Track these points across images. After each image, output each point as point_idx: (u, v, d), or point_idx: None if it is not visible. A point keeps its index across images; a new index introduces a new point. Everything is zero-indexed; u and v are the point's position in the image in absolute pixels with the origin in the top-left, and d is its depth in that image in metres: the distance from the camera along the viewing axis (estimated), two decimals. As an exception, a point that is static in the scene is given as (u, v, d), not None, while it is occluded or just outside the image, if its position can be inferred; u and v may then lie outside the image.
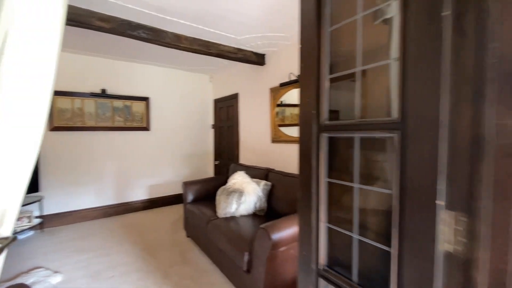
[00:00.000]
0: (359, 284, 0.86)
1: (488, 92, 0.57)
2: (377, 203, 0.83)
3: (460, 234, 0.61)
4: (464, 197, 0.61)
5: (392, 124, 0.72)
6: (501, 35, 0.54)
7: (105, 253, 2.81)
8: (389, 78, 0.77)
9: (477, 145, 0.58)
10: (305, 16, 0.99)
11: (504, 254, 0.56)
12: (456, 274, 0.62)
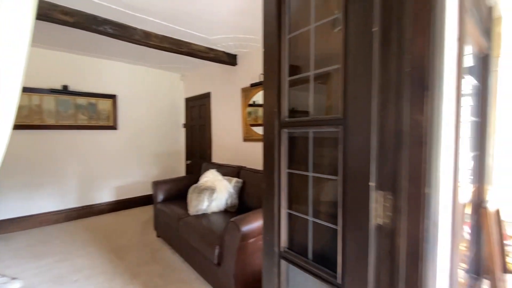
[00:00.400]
0: (313, 261, 0.98)
1: (405, 94, 0.71)
2: (328, 188, 0.96)
3: (387, 210, 0.76)
4: (390, 179, 0.75)
5: (337, 121, 0.85)
6: (412, 49, 0.69)
7: (68, 257, 2.68)
8: (336, 82, 0.90)
9: (398, 136, 0.73)
10: (267, 23, 1.09)
11: (417, 224, 0.71)
12: (384, 242, 0.76)
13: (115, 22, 2.53)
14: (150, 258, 2.65)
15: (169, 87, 4.87)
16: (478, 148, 1.51)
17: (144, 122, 4.54)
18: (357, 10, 0.78)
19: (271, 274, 1.12)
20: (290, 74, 1.04)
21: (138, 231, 3.41)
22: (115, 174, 4.25)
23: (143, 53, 3.58)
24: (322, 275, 0.92)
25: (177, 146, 5.06)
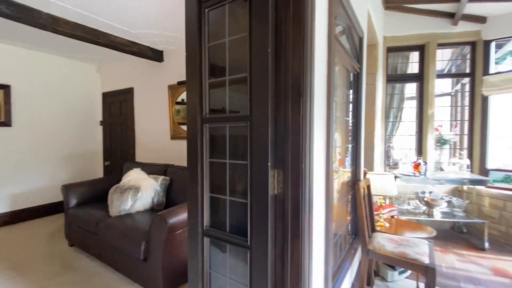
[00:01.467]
0: (230, 232, 1.19)
1: (289, 99, 0.99)
2: (241, 171, 1.18)
3: (279, 182, 1.03)
4: (281, 160, 1.02)
5: (246, 117, 1.08)
6: (292, 67, 0.98)
7: None
8: (246, 86, 1.13)
9: (286, 129, 1.01)
10: (189, 30, 1.24)
11: (297, 190, 1.00)
12: (278, 207, 1.04)
13: (13, 2, 2.17)
14: (62, 269, 2.39)
15: (82, 80, 4.34)
16: (355, 140, 2.04)
17: (50, 119, 3.92)
18: (258, 34, 1.02)
19: (195, 252, 1.28)
20: (213, 75, 1.22)
21: (43, 243, 2.96)
22: (9, 180, 3.53)
23: (49, 38, 3.12)
24: (237, 242, 1.14)
25: (93, 146, 4.55)
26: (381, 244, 1.86)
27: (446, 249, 2.90)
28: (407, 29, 3.52)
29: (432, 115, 3.55)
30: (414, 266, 1.67)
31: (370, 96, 3.25)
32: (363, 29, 2.05)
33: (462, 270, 2.45)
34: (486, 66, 3.35)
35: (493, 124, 3.46)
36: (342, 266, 1.66)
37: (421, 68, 3.62)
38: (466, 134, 3.55)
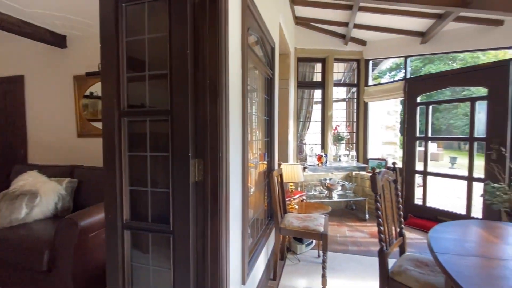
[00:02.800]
0: (152, 222, 1.24)
1: (207, 96, 1.13)
2: (162, 163, 1.25)
3: (200, 170, 1.16)
4: (201, 150, 1.15)
5: (167, 111, 1.16)
6: (210, 69, 1.12)
7: None
8: (166, 82, 1.20)
9: (205, 122, 1.14)
10: (105, 23, 1.22)
11: (215, 176, 1.16)
12: (199, 192, 1.16)
13: None
14: None
15: None
16: (269, 136, 2.35)
17: None
18: (178, 36, 1.12)
19: (115, 247, 1.26)
20: (132, 69, 1.23)
21: None
22: None
23: None
24: (159, 229, 1.21)
25: (-40, 147, 3.52)
26: (290, 222, 2.22)
27: (341, 223, 3.63)
28: (313, 43, 4.18)
29: (331, 116, 4.33)
30: (313, 235, 2.09)
31: (284, 99, 3.72)
32: (275, 40, 2.38)
33: (350, 237, 3.14)
34: (366, 79, 4.33)
35: (372, 124, 4.51)
36: (258, 243, 1.92)
37: (323, 77, 4.36)
38: (355, 132, 4.50)
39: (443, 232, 1.33)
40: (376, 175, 1.43)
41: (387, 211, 1.57)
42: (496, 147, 2.79)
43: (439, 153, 11.76)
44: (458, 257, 1.07)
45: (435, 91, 3.63)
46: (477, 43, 3.10)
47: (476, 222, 1.55)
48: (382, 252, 1.44)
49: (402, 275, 1.39)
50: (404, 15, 3.06)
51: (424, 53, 3.70)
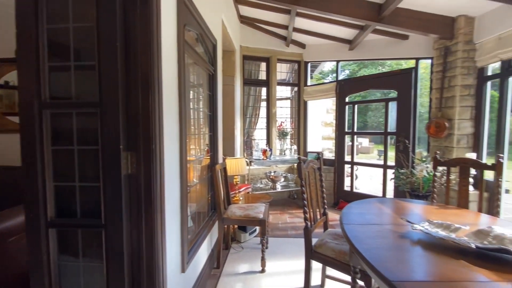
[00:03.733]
0: (82, 217, 1.21)
1: (139, 89, 1.15)
2: (91, 157, 1.22)
3: (133, 163, 1.18)
4: (133, 142, 1.17)
5: (95, 104, 1.14)
6: (142, 63, 1.14)
7: None
8: (94, 74, 1.18)
9: (137, 114, 1.16)
10: (21, 7, 1.12)
11: (149, 168, 1.19)
12: (133, 184, 1.18)
13: None
14: None
15: None
16: (212, 130, 2.42)
17: None
18: (106, 27, 1.11)
19: (37, 248, 1.19)
20: (55, 58, 1.16)
21: None
22: None
23: None
24: (90, 224, 1.18)
25: None
26: (233, 212, 2.35)
27: (283, 211, 3.94)
28: (258, 43, 4.37)
29: (275, 113, 4.61)
30: (254, 221, 2.26)
31: (230, 96, 3.82)
32: (217, 37, 2.45)
33: (291, 223, 3.44)
34: (306, 79, 4.72)
35: (313, 121, 4.96)
36: (200, 234, 1.99)
37: (267, 76, 4.60)
38: (297, 128, 4.87)
39: (352, 208, 1.62)
40: (301, 164, 1.64)
41: (312, 194, 1.82)
42: (402, 140, 3.41)
43: (369, 147, 13.47)
44: (358, 225, 1.34)
45: (363, 92, 4.20)
46: (390, 52, 3.70)
47: (379, 199, 1.91)
48: (306, 229, 1.67)
49: (322, 247, 1.64)
50: (334, 24, 3.46)
51: (352, 59, 4.22)
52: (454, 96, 2.89)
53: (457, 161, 1.90)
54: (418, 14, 2.91)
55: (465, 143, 2.89)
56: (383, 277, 0.88)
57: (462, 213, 1.61)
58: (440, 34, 2.92)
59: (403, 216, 1.46)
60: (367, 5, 2.89)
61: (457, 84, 2.84)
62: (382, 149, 3.75)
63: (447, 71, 2.97)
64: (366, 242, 1.15)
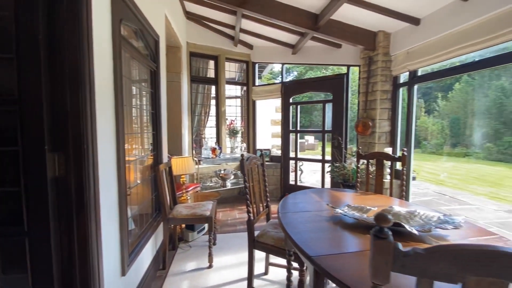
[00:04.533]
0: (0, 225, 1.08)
1: (67, 86, 1.09)
2: (9, 160, 1.10)
3: (61, 165, 1.10)
4: (61, 142, 1.10)
5: (14, 101, 1.03)
6: (68, 56, 1.08)
7: None
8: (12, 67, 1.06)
9: (65, 112, 1.09)
10: None
11: (81, 169, 1.13)
12: (62, 187, 1.11)
13: None
14: None
15: None
16: (155, 129, 2.35)
17: None
18: (26, 18, 1.01)
19: None
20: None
21: None
22: None
23: None
24: (10, 232, 1.07)
25: None
26: (179, 211, 2.33)
27: (233, 207, 4.03)
28: (205, 40, 4.34)
29: (224, 112, 4.66)
30: (200, 219, 2.29)
31: (176, 93, 3.73)
32: (159, 33, 2.38)
33: (240, 218, 3.55)
34: (254, 79, 4.88)
35: (263, 119, 5.15)
36: (143, 236, 1.94)
37: (216, 74, 4.61)
38: (246, 126, 5.01)
39: (289, 198, 1.80)
40: (243, 160, 1.75)
41: (255, 189, 1.94)
42: (336, 137, 3.83)
43: (315, 144, 14.59)
44: (292, 213, 1.51)
45: (309, 93, 4.55)
46: (327, 59, 4.11)
47: (313, 190, 2.15)
48: (249, 221, 1.78)
49: (263, 236, 1.78)
50: (278, 29, 3.68)
51: (295, 62, 4.54)
52: (375, 100, 3.38)
53: (374, 155, 2.26)
54: (348, 26, 3.31)
55: (384, 139, 3.42)
56: (306, 254, 1.04)
57: (377, 198, 1.93)
58: (365, 45, 3.38)
59: (330, 203, 1.69)
60: (306, 14, 3.16)
61: (378, 89, 3.34)
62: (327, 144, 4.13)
63: (371, 77, 3.46)
64: (297, 227, 1.31)
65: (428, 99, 15.30)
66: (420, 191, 6.43)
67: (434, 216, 1.33)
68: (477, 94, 13.02)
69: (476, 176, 9.00)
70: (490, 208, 5.17)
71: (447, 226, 1.18)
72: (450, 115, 13.92)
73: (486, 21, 2.13)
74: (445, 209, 4.95)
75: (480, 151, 12.07)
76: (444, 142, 13.92)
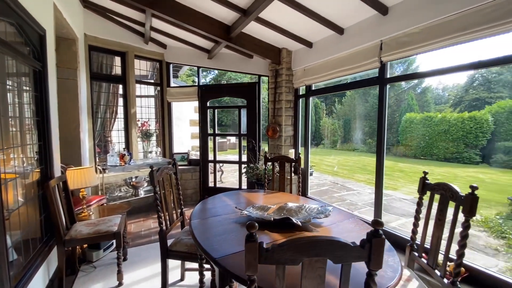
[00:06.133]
0: None
1: None
2: None
3: None
4: None
5: None
6: None
7: None
8: None
9: None
10: None
11: None
12: None
13: None
14: None
15: None
16: (42, 139, 2.01)
17: None
18: None
19: None
20: None
21: None
22: None
23: None
24: None
25: None
26: (79, 231, 2.08)
27: (147, 217, 3.81)
28: (109, 34, 3.89)
29: (135, 113, 4.31)
30: (106, 236, 2.11)
31: (72, 92, 3.22)
32: (45, 26, 2.03)
33: (155, 227, 3.40)
34: (168, 80, 4.70)
35: (182, 120, 5.00)
36: (30, 266, 1.65)
37: (123, 72, 4.21)
38: (161, 129, 4.77)
39: (202, 204, 1.90)
40: (153, 172, 1.73)
41: (168, 198, 1.95)
42: (251, 140, 4.17)
43: (237, 143, 15.14)
44: (203, 220, 1.61)
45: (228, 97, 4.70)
46: (241, 67, 4.38)
47: (225, 194, 2.30)
48: (161, 231, 1.79)
49: (177, 245, 1.82)
50: (192, 34, 3.68)
51: (210, 67, 4.63)
52: (281, 108, 3.87)
53: (277, 158, 2.62)
54: (258, 41, 3.64)
55: (289, 142, 3.95)
56: (210, 256, 1.17)
57: (279, 196, 2.26)
58: (272, 59, 3.81)
59: (238, 205, 1.89)
60: (219, 24, 3.30)
61: (283, 99, 3.83)
62: (245, 146, 4.39)
63: (277, 88, 3.92)
64: (206, 232, 1.43)
65: (328, 103, 18.23)
66: (320, 182, 7.66)
67: (315, 208, 1.70)
68: (361, 100, 16.35)
69: (360, 166, 11.29)
70: (366, 192, 6.64)
71: (320, 216, 1.54)
72: (343, 116, 17.06)
73: (355, 52, 2.79)
74: (337, 196, 6.10)
75: (363, 146, 15.32)
76: (338, 139, 16.92)
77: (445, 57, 6.85)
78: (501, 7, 1.61)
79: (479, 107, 12.48)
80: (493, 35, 1.68)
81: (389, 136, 13.92)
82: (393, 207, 5.17)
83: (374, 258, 0.69)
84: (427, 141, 11.57)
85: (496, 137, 10.07)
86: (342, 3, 2.43)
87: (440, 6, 1.94)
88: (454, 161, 10.70)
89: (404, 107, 14.32)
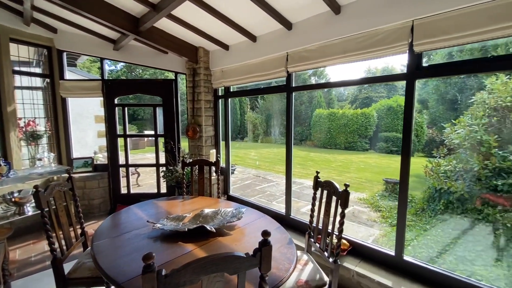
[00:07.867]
0: None
1: None
2: None
3: None
4: None
5: None
6: None
7: None
8: None
9: None
10: None
11: None
12: None
13: None
14: None
15: None
16: None
17: None
18: None
19: None
20: None
21: None
22: None
23: None
24: None
25: None
26: None
27: (40, 237, 3.17)
28: (-36, 7, 2.94)
29: (14, 111, 3.44)
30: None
31: None
32: None
33: (47, 251, 2.86)
34: (62, 71, 3.92)
35: (86, 117, 4.25)
36: None
37: (-8, 59, 3.27)
38: (55, 130, 3.96)
39: (112, 219, 1.74)
40: (39, 192, 1.46)
41: (63, 220, 1.68)
42: (169, 141, 3.98)
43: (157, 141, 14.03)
44: (108, 239, 1.48)
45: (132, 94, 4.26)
46: (153, 62, 4.05)
47: (138, 205, 2.14)
48: (55, 260, 1.54)
49: (77, 271, 1.61)
50: (92, 21, 3.17)
51: (117, 59, 4.11)
52: (201, 107, 3.83)
53: (195, 162, 2.61)
54: (172, 37, 3.45)
55: (209, 142, 3.97)
56: (114, 282, 1.10)
57: (198, 201, 2.26)
58: (189, 57, 3.70)
59: (152, 216, 1.81)
60: (125, 15, 2.96)
61: (202, 99, 3.79)
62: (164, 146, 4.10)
63: (196, 87, 3.85)
64: (112, 254, 1.33)
65: (252, 98, 19.00)
66: (244, 177, 8.02)
67: (230, 212, 1.80)
68: (280, 97, 17.71)
69: (279, 158, 12.29)
70: (283, 182, 7.34)
71: (233, 219, 1.65)
72: (265, 111, 18.16)
73: (267, 60, 3.00)
74: (259, 188, 6.53)
75: (283, 138, 16.78)
76: (261, 133, 17.97)
77: (346, 70, 7.99)
78: (369, 37, 2.05)
79: (368, 104, 15.55)
80: (365, 59, 2.13)
81: (303, 129, 15.73)
82: (304, 194, 5.93)
83: (264, 263, 0.82)
84: (332, 133, 13.65)
85: (379, 129, 12.79)
86: (251, 12, 2.57)
87: (328, 30, 2.31)
88: (351, 149, 13.02)
89: (314, 104, 16.38)
